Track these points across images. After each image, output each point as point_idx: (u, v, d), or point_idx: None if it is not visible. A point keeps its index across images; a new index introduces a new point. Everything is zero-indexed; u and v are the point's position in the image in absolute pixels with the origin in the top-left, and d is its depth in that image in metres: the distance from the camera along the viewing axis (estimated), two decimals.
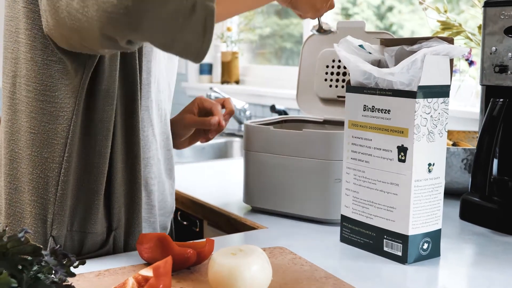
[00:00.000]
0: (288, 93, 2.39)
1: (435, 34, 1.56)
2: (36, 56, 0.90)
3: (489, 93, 1.17)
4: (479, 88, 1.24)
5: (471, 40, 1.56)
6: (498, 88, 1.15)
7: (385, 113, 0.95)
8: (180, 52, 0.77)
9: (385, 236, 0.96)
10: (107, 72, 0.93)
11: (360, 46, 1.01)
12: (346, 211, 1.02)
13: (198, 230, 1.46)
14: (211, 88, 2.54)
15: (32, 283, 0.64)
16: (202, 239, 0.98)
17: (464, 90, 1.80)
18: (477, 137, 1.15)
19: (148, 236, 0.89)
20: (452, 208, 1.25)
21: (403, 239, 0.93)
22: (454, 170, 1.31)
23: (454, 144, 1.44)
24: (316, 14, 1.06)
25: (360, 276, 0.88)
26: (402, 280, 0.88)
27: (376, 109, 0.96)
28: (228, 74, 2.93)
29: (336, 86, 1.34)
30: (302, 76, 1.38)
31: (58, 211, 0.92)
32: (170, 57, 1.10)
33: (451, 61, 0.94)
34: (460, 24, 1.56)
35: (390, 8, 2.48)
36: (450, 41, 0.95)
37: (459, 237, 1.10)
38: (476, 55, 1.75)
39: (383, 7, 2.50)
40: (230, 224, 1.23)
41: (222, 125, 1.16)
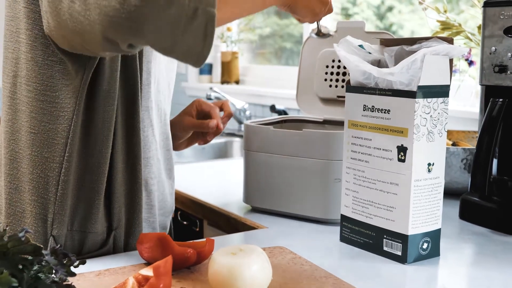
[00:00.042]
0: (288, 93, 2.39)
1: (434, 34, 1.56)
2: (37, 56, 0.90)
3: (488, 93, 1.17)
4: (478, 88, 1.24)
5: (470, 40, 1.56)
6: (497, 88, 1.15)
7: (384, 113, 0.95)
8: (181, 56, 0.78)
9: (384, 236, 0.96)
10: (108, 73, 0.93)
11: (360, 46, 1.01)
12: (346, 211, 1.03)
13: (198, 230, 1.46)
14: (211, 88, 2.54)
15: (32, 282, 0.64)
16: (202, 239, 0.98)
17: (464, 90, 1.80)
18: (476, 137, 1.15)
19: (148, 235, 0.89)
20: (452, 208, 1.25)
21: (402, 238, 0.93)
22: (454, 170, 1.31)
23: (453, 144, 1.45)
24: (315, 18, 1.06)
25: (360, 276, 0.89)
26: (401, 280, 0.88)
27: (376, 109, 0.96)
28: (228, 74, 2.93)
29: (336, 86, 1.34)
30: (302, 76, 1.39)
31: (58, 211, 0.92)
32: (170, 58, 1.10)
33: (451, 61, 0.95)
34: (459, 24, 1.56)
35: (390, 8, 2.48)
36: (450, 41, 0.95)
37: (459, 236, 1.10)
38: (476, 55, 1.75)
39: (383, 7, 2.50)
40: (230, 224, 1.23)
41: (220, 128, 1.18)
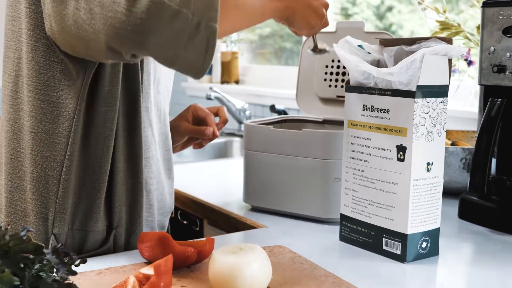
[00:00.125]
0: (288, 93, 2.40)
1: (434, 34, 1.57)
2: (38, 57, 0.91)
3: (487, 92, 1.17)
4: (477, 88, 1.24)
5: (470, 40, 1.57)
6: (496, 88, 1.15)
7: (384, 112, 0.95)
8: (182, 68, 0.80)
9: (384, 235, 0.96)
10: (109, 74, 0.94)
11: (360, 46, 1.02)
12: (346, 210, 1.03)
13: (198, 229, 1.47)
14: (211, 88, 2.54)
15: (34, 281, 0.65)
16: (203, 238, 0.99)
17: (463, 90, 1.81)
18: (475, 136, 1.15)
19: (149, 235, 0.89)
20: (451, 207, 1.26)
21: (402, 237, 0.94)
22: (453, 170, 1.31)
23: (453, 144, 1.45)
24: (311, 31, 1.07)
25: (359, 275, 0.89)
26: (401, 279, 0.89)
27: (375, 108, 0.96)
28: (228, 74, 2.93)
29: (336, 86, 1.34)
30: (301, 76, 1.39)
31: (59, 209, 0.93)
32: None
33: (450, 61, 0.95)
34: (459, 24, 1.56)
35: (390, 8, 2.48)
36: (449, 41, 0.95)
37: (458, 236, 1.10)
38: (475, 55, 1.75)
39: (382, 7, 2.51)
40: (230, 223, 1.23)
41: (216, 135, 1.22)
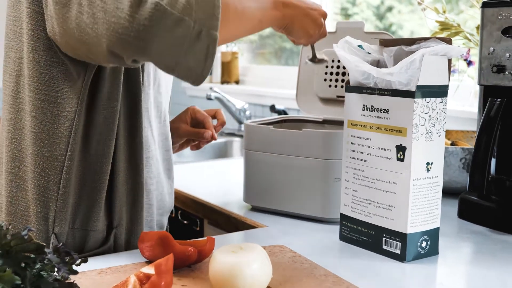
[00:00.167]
0: (288, 93, 2.40)
1: (433, 34, 1.57)
2: (39, 57, 0.91)
3: (487, 93, 1.18)
4: (477, 88, 1.24)
5: (469, 40, 1.57)
6: (495, 88, 1.15)
7: (384, 112, 0.95)
8: (182, 75, 0.81)
9: (384, 235, 0.97)
10: (110, 75, 0.94)
11: (359, 46, 1.02)
12: (346, 210, 1.03)
13: (198, 229, 1.47)
14: (211, 88, 2.54)
15: (35, 280, 0.65)
16: (203, 238, 0.99)
17: (463, 90, 1.81)
18: (475, 136, 1.16)
19: (150, 234, 0.89)
20: (451, 207, 1.26)
21: (401, 237, 0.94)
22: (453, 170, 1.32)
23: (452, 144, 1.45)
24: (309, 40, 1.06)
25: (359, 274, 0.89)
26: (400, 278, 0.89)
27: (375, 108, 0.97)
28: (228, 74, 2.93)
29: (336, 86, 1.35)
30: (301, 76, 1.39)
31: (60, 209, 0.93)
32: None
33: (449, 61, 0.95)
34: (458, 25, 1.56)
35: (390, 8, 2.48)
36: (448, 41, 0.96)
37: (457, 235, 1.11)
38: (475, 55, 1.75)
39: (382, 7, 2.51)
40: (230, 223, 1.24)
41: (215, 138, 1.25)
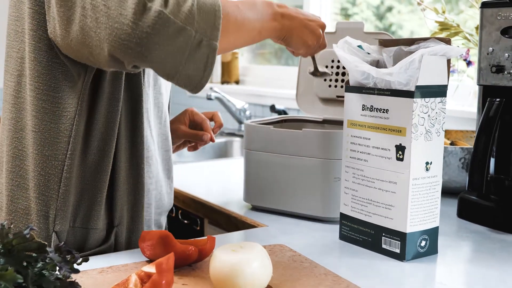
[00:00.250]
0: (288, 93, 2.40)
1: (433, 34, 1.57)
2: (41, 57, 0.92)
3: (486, 93, 1.18)
4: (476, 88, 1.25)
5: (469, 40, 1.57)
6: (495, 88, 1.16)
7: (383, 112, 0.96)
8: (181, 82, 0.82)
9: (383, 234, 0.97)
10: (112, 75, 0.95)
11: (359, 46, 1.02)
12: (345, 209, 1.04)
13: (198, 228, 1.47)
14: (211, 88, 2.55)
15: (37, 279, 0.65)
16: (203, 237, 0.99)
17: (462, 90, 1.81)
18: (474, 136, 1.16)
19: (150, 233, 0.90)
20: (450, 206, 1.26)
21: (401, 236, 0.94)
22: (452, 169, 1.32)
23: (452, 144, 1.45)
24: (308, 51, 1.06)
25: (358, 273, 0.90)
26: (400, 277, 0.90)
27: (375, 108, 0.97)
28: (228, 74, 2.94)
29: (335, 86, 1.35)
30: (301, 76, 1.40)
31: (60, 207, 0.94)
32: None
33: (448, 61, 0.96)
34: (458, 25, 1.57)
35: (390, 8, 2.48)
36: (448, 41, 0.96)
37: (457, 235, 1.11)
38: (474, 55, 1.76)
39: (382, 7, 2.51)
40: (230, 222, 1.24)
41: (213, 140, 1.27)
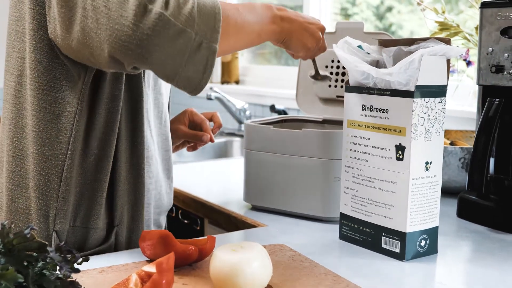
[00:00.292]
0: (288, 93, 2.40)
1: (433, 34, 1.58)
2: (41, 57, 0.92)
3: (485, 93, 1.18)
4: (476, 88, 1.25)
5: (469, 40, 1.57)
6: (494, 88, 1.16)
7: (383, 112, 0.96)
8: (180, 84, 0.83)
9: (383, 234, 0.97)
10: (112, 76, 0.95)
11: (359, 46, 1.03)
12: (345, 209, 1.04)
13: (199, 228, 1.48)
14: (211, 88, 2.55)
15: (37, 279, 0.65)
16: (204, 237, 1.00)
17: (462, 90, 1.81)
18: (474, 136, 1.16)
19: (151, 233, 0.90)
20: (450, 206, 1.27)
21: (401, 236, 0.94)
22: (452, 169, 1.32)
23: (451, 143, 1.46)
24: (307, 53, 1.06)
25: (358, 273, 0.90)
26: (400, 276, 0.90)
27: (375, 108, 0.97)
28: (228, 74, 2.94)
29: (335, 86, 1.35)
30: (301, 76, 1.40)
31: (60, 207, 0.94)
32: None
33: (448, 61, 0.96)
34: (458, 25, 1.57)
35: (390, 8, 2.49)
36: (447, 41, 0.96)
37: (456, 234, 1.11)
38: (474, 55, 1.76)
39: (382, 7, 2.51)
40: (230, 222, 1.24)
41: (213, 140, 1.28)
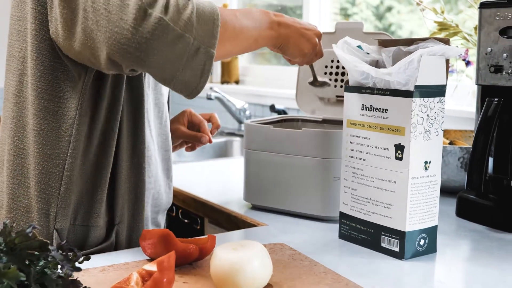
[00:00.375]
0: (288, 93, 2.40)
1: (432, 34, 1.58)
2: (43, 57, 0.92)
3: (484, 92, 1.19)
4: (475, 87, 1.25)
5: (468, 40, 1.58)
6: (493, 88, 1.16)
7: (382, 112, 0.96)
8: (177, 88, 0.83)
9: (382, 233, 0.98)
10: (113, 76, 0.95)
11: (358, 46, 1.03)
12: (345, 208, 1.04)
13: (199, 227, 1.48)
14: (211, 88, 2.55)
15: (39, 277, 0.66)
16: (204, 236, 1.00)
17: (461, 90, 1.82)
18: (473, 136, 1.17)
19: (151, 232, 0.90)
20: (449, 205, 1.27)
21: (400, 235, 0.95)
22: (451, 169, 1.33)
23: (451, 143, 1.46)
24: (304, 59, 1.07)
25: (358, 272, 0.90)
26: (399, 275, 0.90)
27: (374, 108, 0.98)
28: (228, 74, 2.94)
29: (335, 86, 1.36)
30: (301, 76, 1.40)
31: (61, 205, 0.94)
32: None
33: (447, 61, 0.96)
34: (457, 25, 1.57)
35: (389, 8, 2.49)
36: (446, 42, 0.97)
37: (456, 233, 1.12)
38: (473, 55, 1.76)
39: (382, 7, 2.51)
40: (230, 221, 1.25)
41: (211, 141, 1.30)
